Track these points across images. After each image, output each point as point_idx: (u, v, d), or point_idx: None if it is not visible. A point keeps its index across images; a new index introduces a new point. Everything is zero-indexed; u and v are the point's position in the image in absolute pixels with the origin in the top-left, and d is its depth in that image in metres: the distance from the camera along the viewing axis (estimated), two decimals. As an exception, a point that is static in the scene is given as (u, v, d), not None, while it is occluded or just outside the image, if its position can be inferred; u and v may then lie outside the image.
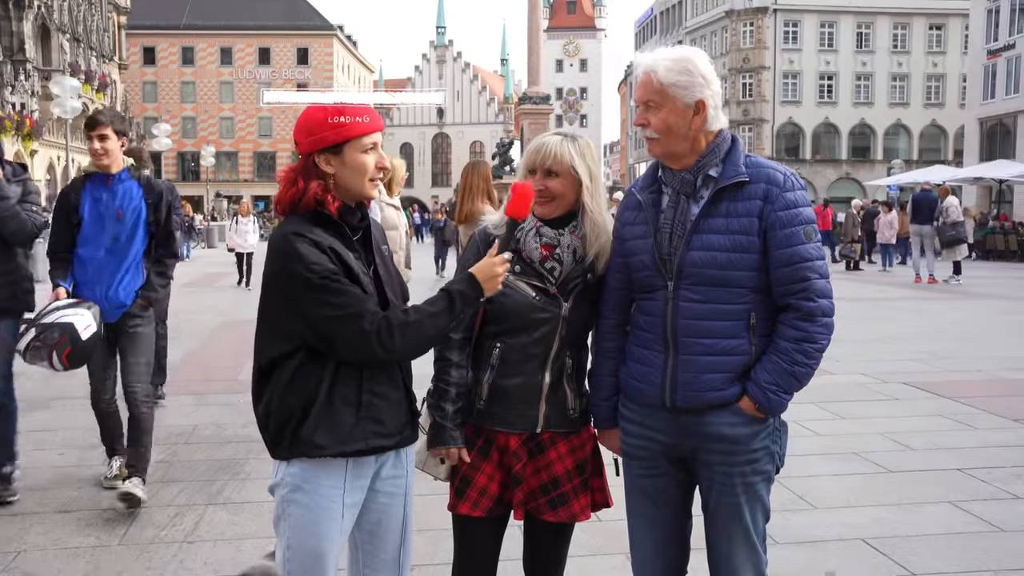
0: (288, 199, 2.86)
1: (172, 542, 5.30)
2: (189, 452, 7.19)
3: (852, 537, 5.34)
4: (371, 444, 2.85)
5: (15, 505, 5.97)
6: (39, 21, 51.49)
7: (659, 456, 3.04)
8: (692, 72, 2.90)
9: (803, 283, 2.86)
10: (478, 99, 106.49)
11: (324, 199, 2.82)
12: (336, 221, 2.85)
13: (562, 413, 3.16)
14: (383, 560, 3.05)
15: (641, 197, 3.05)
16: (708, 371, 2.89)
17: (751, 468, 2.93)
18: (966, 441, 7.46)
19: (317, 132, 2.84)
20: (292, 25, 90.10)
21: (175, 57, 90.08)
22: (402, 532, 3.06)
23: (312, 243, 2.75)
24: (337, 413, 2.80)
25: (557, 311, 3.09)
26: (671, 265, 2.92)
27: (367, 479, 2.93)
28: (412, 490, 3.09)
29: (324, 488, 2.84)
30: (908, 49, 72.83)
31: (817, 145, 72.77)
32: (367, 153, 2.85)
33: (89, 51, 59.76)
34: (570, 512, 3.19)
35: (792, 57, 72.49)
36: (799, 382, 2.88)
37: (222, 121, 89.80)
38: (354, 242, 2.90)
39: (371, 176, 2.87)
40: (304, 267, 2.72)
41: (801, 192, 2.92)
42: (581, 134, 3.23)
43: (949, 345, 12.20)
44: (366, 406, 2.84)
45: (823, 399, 8.79)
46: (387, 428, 2.88)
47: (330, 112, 2.85)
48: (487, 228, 3.21)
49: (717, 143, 2.96)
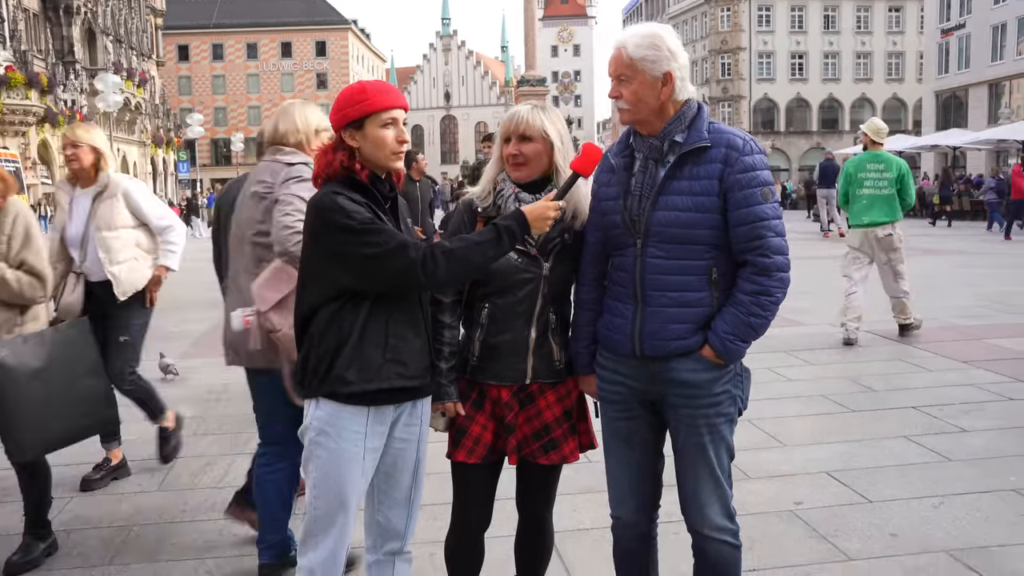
0: (321, 171, 2.88)
1: (204, 488, 5.35)
2: (220, 408, 7.22)
3: (817, 471, 5.34)
4: (394, 384, 2.85)
5: (64, 455, 5.94)
6: (86, 26, 51.86)
7: (631, 400, 3.01)
8: (659, 47, 2.84)
9: (759, 240, 2.81)
10: (481, 83, 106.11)
11: (352, 167, 2.85)
12: (367, 187, 2.86)
13: (549, 365, 3.14)
14: (396, 498, 3.06)
15: (614, 161, 3.01)
16: (673, 322, 2.86)
17: (714, 411, 2.90)
18: (921, 382, 7.46)
19: (343, 109, 2.87)
20: (311, 21, 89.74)
21: (206, 53, 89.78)
22: (414, 474, 3.07)
23: (349, 199, 2.76)
24: (367, 352, 2.81)
25: (538, 271, 3.06)
26: (640, 224, 2.88)
27: (387, 426, 2.93)
28: (425, 438, 3.09)
29: (347, 432, 2.84)
30: (870, 29, 72.73)
31: (790, 118, 72.77)
32: (386, 127, 2.85)
33: (130, 51, 59.84)
34: (561, 455, 3.19)
35: (766, 39, 72.32)
36: (755, 332, 2.84)
37: (250, 110, 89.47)
38: (385, 209, 2.90)
39: (392, 149, 2.87)
40: (344, 215, 2.73)
41: (759, 156, 2.86)
42: (551, 106, 3.19)
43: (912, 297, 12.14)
44: (392, 348, 2.84)
45: (794, 348, 8.77)
46: (409, 371, 2.88)
47: (354, 90, 2.88)
48: (471, 199, 3.18)
49: (683, 111, 2.90)
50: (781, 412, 6.59)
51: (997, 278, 14.44)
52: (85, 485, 5.41)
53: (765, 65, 72.73)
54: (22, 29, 44.04)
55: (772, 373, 7.71)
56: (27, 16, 45.77)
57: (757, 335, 2.86)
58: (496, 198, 3.12)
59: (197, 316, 12.28)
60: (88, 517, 4.93)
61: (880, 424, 6.29)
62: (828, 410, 6.69)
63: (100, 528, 4.77)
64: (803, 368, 8.09)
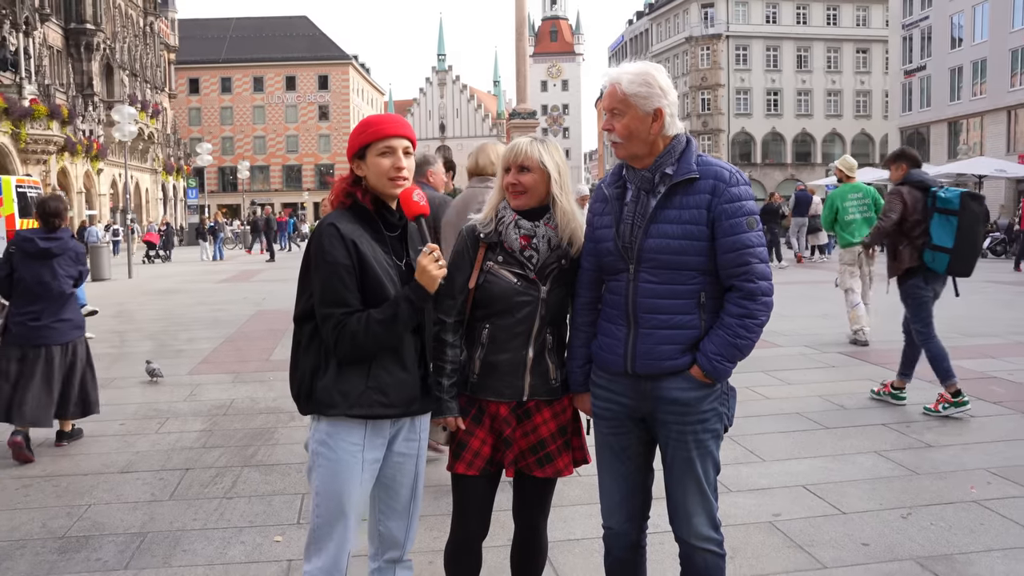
0: (332, 197, 2.95)
1: (214, 498, 5.32)
2: (227, 422, 7.18)
3: (794, 484, 5.35)
4: (375, 412, 2.85)
5: (84, 466, 6.05)
6: (104, 61, 52.10)
7: (623, 417, 3.01)
8: (651, 84, 2.86)
9: (745, 267, 2.82)
10: (474, 115, 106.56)
11: (354, 193, 2.89)
12: (371, 214, 2.89)
13: (545, 383, 3.14)
14: (395, 509, 3.06)
15: (608, 192, 3.02)
16: (663, 343, 2.86)
17: (702, 427, 2.90)
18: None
19: (351, 141, 2.94)
20: (314, 56, 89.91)
21: (215, 86, 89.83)
22: (413, 487, 3.07)
23: (338, 233, 2.79)
24: (348, 376, 2.82)
25: (537, 294, 3.07)
26: (632, 251, 2.89)
27: (385, 439, 2.94)
28: (424, 452, 3.10)
29: (345, 444, 2.85)
30: (840, 69, 73.52)
31: (766, 151, 73.28)
32: (383, 156, 2.87)
33: (144, 84, 59.97)
34: (555, 468, 3.18)
35: (743, 76, 72.94)
36: (741, 353, 2.84)
37: (255, 140, 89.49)
38: (387, 236, 2.93)
39: (389, 175, 2.87)
40: (320, 250, 2.80)
41: (745, 187, 2.87)
42: (550, 139, 3.22)
43: (878, 321, 12.17)
44: (374, 377, 2.84)
45: (772, 368, 8.79)
46: (389, 400, 2.87)
47: (362, 123, 2.95)
48: (474, 224, 3.19)
49: (673, 145, 2.91)
50: (760, 429, 6.59)
51: (957, 303, 14.42)
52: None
53: (742, 101, 73.23)
54: (46, 64, 44.13)
55: (751, 392, 7.71)
56: (51, 52, 45.88)
57: (743, 355, 2.86)
58: (497, 224, 3.13)
59: (205, 335, 12.24)
60: (104, 524, 4.90)
61: (852, 440, 6.29)
62: (804, 427, 6.69)
63: (116, 535, 4.74)
64: (780, 387, 8.09)
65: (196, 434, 6.81)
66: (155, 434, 6.85)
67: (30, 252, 6.34)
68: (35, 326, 6.33)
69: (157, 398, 8.21)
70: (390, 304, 2.81)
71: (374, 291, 2.83)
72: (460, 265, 3.14)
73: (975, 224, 6.72)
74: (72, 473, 5.88)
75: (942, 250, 6.76)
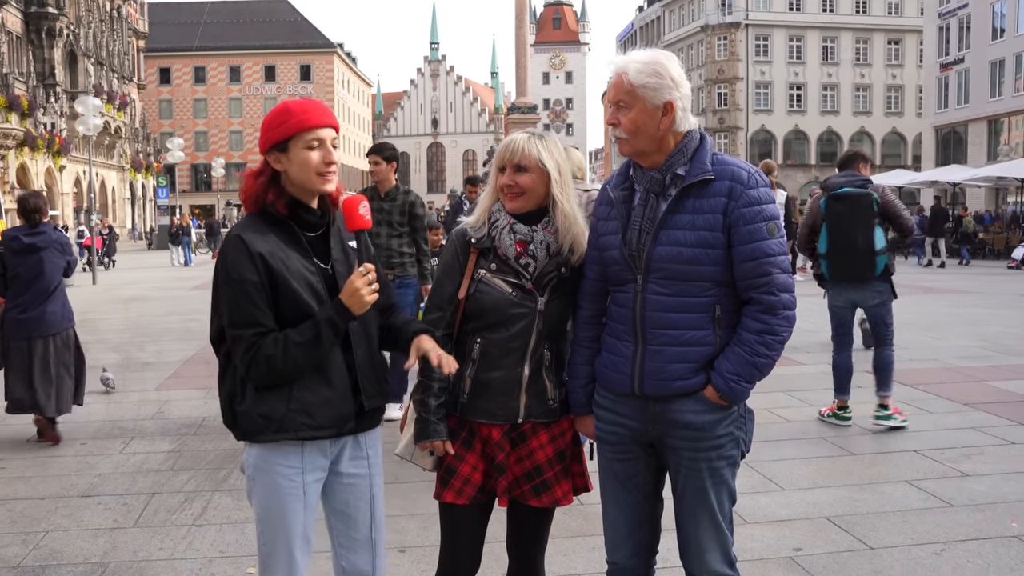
0: (244, 197, 2.86)
1: (182, 525, 5.30)
2: (198, 443, 7.17)
3: (817, 516, 5.33)
4: (301, 435, 2.80)
5: (41, 489, 6.04)
6: (67, 48, 52.21)
7: (629, 441, 3.00)
8: (662, 74, 2.82)
9: (765, 277, 2.80)
10: (470, 110, 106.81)
11: (266, 198, 2.81)
12: (285, 220, 2.83)
13: (542, 403, 3.12)
14: (356, 540, 3.02)
15: (613, 194, 2.99)
16: (674, 361, 2.84)
17: (716, 453, 2.89)
18: (922, 424, 7.46)
19: (267, 131, 2.83)
20: (295, 44, 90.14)
21: (188, 76, 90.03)
22: (371, 511, 3.02)
23: (244, 247, 2.73)
24: (267, 401, 2.78)
25: (533, 306, 3.05)
26: (640, 260, 2.86)
27: (326, 459, 2.91)
28: (379, 471, 3.06)
29: (281, 467, 2.82)
30: (869, 62, 73.46)
31: (788, 151, 73.09)
32: (312, 149, 2.78)
33: (111, 73, 60.09)
34: (552, 498, 3.15)
35: (763, 69, 72.91)
36: (760, 372, 2.82)
37: (231, 135, 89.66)
38: (305, 240, 2.86)
39: (318, 171, 2.80)
40: (226, 265, 2.75)
41: (765, 189, 2.84)
42: (550, 134, 3.19)
43: (910, 336, 12.18)
44: (296, 399, 2.79)
45: (793, 388, 8.79)
46: (316, 421, 2.81)
47: (279, 111, 2.83)
48: (464, 229, 3.17)
49: (685, 143, 2.88)
50: (779, 454, 6.59)
51: (997, 318, 14.50)
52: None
53: (763, 96, 73.30)
54: (4, 52, 44.18)
55: (770, 413, 7.71)
56: (10, 39, 45.94)
57: (762, 375, 2.84)
58: (491, 229, 3.09)
59: (175, 346, 12.22)
60: (62, 552, 4.88)
61: (880, 468, 6.29)
62: (828, 453, 6.69)
63: (75, 564, 4.72)
64: (802, 409, 8.09)
65: (163, 455, 6.80)
66: (119, 455, 6.84)
67: (16, 249, 7.14)
68: (23, 318, 7.14)
69: (122, 415, 8.21)
70: (311, 325, 2.75)
71: (290, 306, 2.78)
72: (449, 273, 3.12)
73: (840, 224, 7.21)
74: (28, 497, 5.87)
75: (822, 256, 7.41)
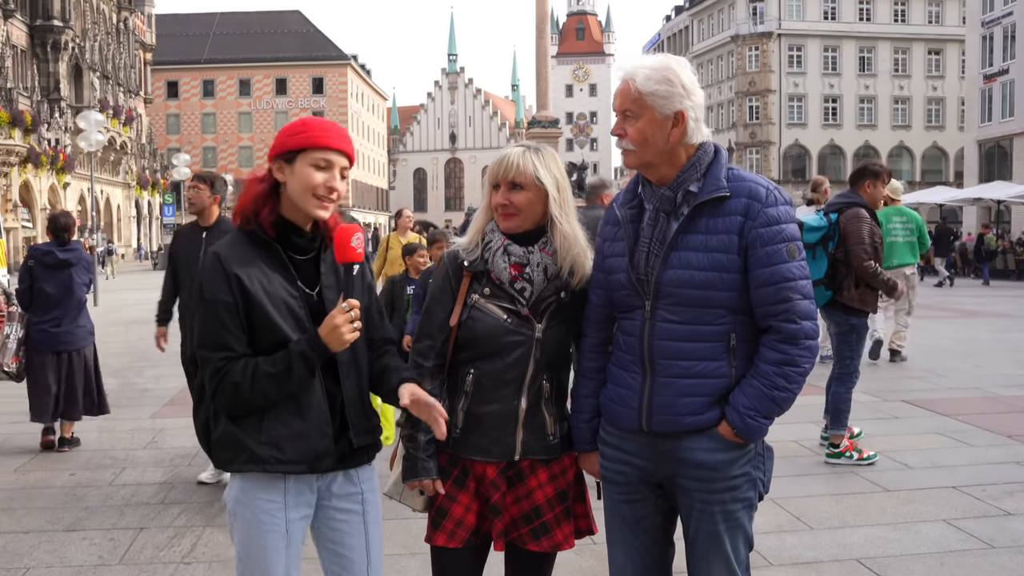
0: (238, 206, 2.82)
1: (170, 563, 5.27)
2: (191, 474, 7.14)
3: (847, 558, 5.22)
4: (271, 469, 2.74)
5: (25, 523, 6.03)
6: (73, 61, 52.91)
7: (637, 481, 2.91)
8: (672, 81, 2.74)
9: (785, 304, 2.71)
10: (489, 124, 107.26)
11: (259, 213, 2.77)
12: (271, 243, 2.78)
13: (541, 439, 3.04)
14: None
15: (620, 213, 2.92)
16: (685, 394, 2.75)
17: (731, 495, 2.79)
18: (961, 459, 7.36)
19: (280, 138, 2.81)
20: (307, 56, 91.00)
21: (197, 90, 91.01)
22: (366, 551, 2.94)
23: (219, 266, 2.70)
24: (238, 432, 2.73)
25: (530, 333, 2.97)
26: (648, 284, 2.78)
27: (312, 494, 2.85)
28: (375, 507, 2.98)
29: (262, 502, 2.77)
30: (908, 73, 73.36)
31: (823, 166, 72.81)
32: (319, 168, 2.74)
33: (117, 87, 60.78)
34: (553, 542, 3.06)
35: (797, 80, 72.97)
36: (779, 407, 2.72)
37: (241, 150, 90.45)
38: (292, 263, 2.80)
39: (317, 193, 2.75)
40: (201, 283, 2.73)
41: (785, 207, 2.75)
42: (546, 148, 3.09)
43: (949, 363, 12.09)
44: (266, 431, 2.73)
45: (820, 418, 8.65)
46: (285, 455, 2.74)
47: (296, 123, 2.83)
48: (457, 251, 3.09)
49: (698, 156, 2.80)
50: (807, 491, 6.49)
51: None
52: None
53: (796, 109, 73.29)
54: (9, 66, 44.70)
55: (798, 446, 7.62)
56: (15, 52, 46.49)
57: (781, 411, 2.74)
58: (484, 251, 3.03)
59: (174, 372, 12.17)
60: (41, 594, 4.85)
61: (916, 505, 6.17)
62: (859, 489, 6.58)
63: (53, 608, 4.68)
64: (833, 441, 7.96)
65: (155, 487, 6.77)
66: (109, 486, 6.82)
67: (50, 264, 7.91)
68: (56, 332, 7.91)
69: (114, 445, 8.21)
70: (283, 356, 2.69)
71: (265, 332, 2.73)
72: (440, 299, 3.05)
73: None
74: (11, 531, 5.85)
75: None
